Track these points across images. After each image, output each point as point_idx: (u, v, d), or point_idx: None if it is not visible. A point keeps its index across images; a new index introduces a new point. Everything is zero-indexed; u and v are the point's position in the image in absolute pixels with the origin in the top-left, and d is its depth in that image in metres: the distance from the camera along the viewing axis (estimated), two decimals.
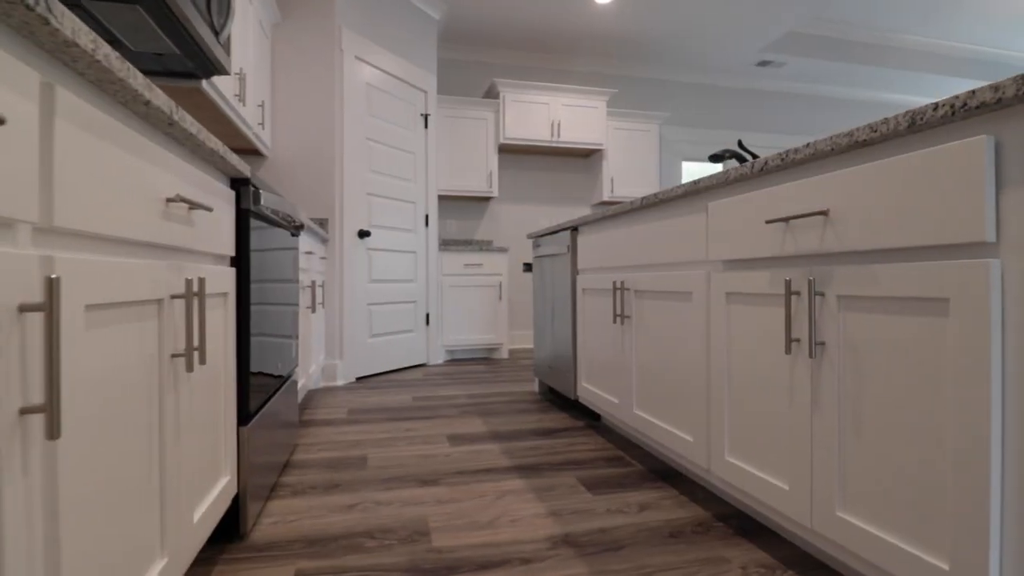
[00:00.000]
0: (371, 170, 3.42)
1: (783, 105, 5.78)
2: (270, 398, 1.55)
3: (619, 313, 1.84)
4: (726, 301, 1.30)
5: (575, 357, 2.33)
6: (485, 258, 4.20)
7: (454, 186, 4.42)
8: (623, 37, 4.68)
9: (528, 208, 5.00)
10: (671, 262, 1.55)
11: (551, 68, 5.07)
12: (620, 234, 1.86)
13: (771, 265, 1.16)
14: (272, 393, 1.58)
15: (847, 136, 0.93)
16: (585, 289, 2.20)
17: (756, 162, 1.16)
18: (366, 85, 3.39)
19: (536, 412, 2.52)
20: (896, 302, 0.86)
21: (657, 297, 1.63)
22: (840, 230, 0.95)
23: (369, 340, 3.40)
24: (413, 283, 3.79)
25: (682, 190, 1.43)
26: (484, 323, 4.18)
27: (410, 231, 3.76)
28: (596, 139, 4.71)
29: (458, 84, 4.85)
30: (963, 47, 5.36)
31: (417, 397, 2.86)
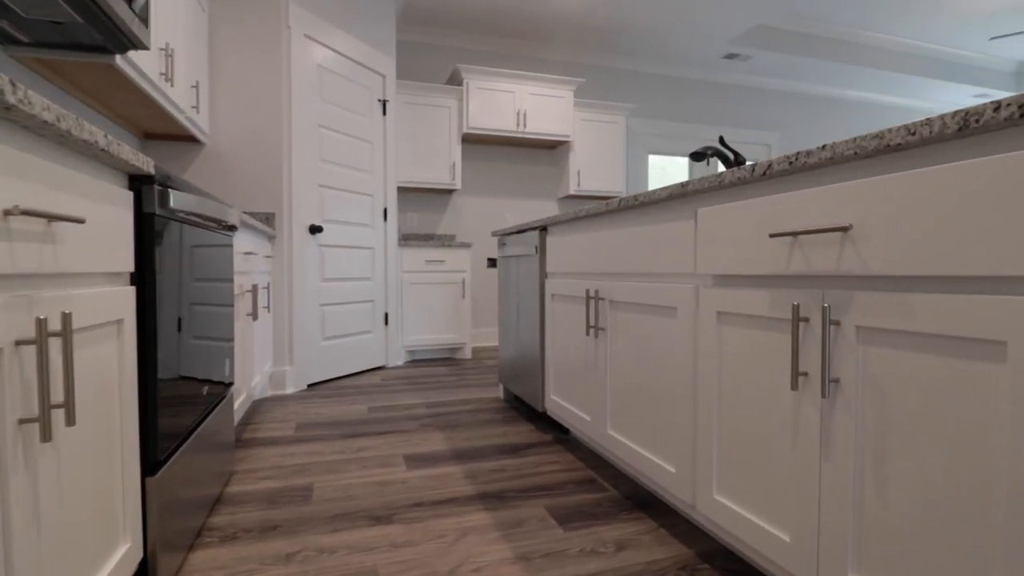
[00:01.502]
0: (323, 160, 3.16)
1: (750, 99, 5.74)
2: (195, 429, 1.32)
3: (592, 324, 1.68)
4: (717, 321, 1.15)
5: (543, 366, 2.17)
6: (448, 254, 3.99)
7: (415, 177, 4.19)
8: (591, 25, 4.51)
9: (493, 201, 4.81)
10: (653, 272, 1.40)
11: (517, 55, 4.87)
12: (595, 237, 1.70)
13: (773, 285, 1.02)
14: (198, 421, 1.36)
15: (876, 138, 0.78)
16: (555, 295, 2.04)
17: (758, 165, 1.00)
18: (317, 67, 3.11)
19: (501, 423, 2.36)
20: (935, 340, 0.73)
21: (637, 310, 1.48)
22: (864, 250, 0.81)
23: (322, 343, 3.16)
24: (370, 281, 3.55)
25: (667, 193, 1.28)
26: (446, 322, 3.99)
27: (367, 226, 3.52)
28: (563, 130, 4.54)
29: (419, 69, 4.59)
30: (923, 45, 5.42)
31: (373, 407, 2.65)
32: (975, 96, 6.26)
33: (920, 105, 6.53)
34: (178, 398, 1.17)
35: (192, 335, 1.28)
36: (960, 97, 6.33)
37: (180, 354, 1.18)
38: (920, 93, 6.16)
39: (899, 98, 6.34)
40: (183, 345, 1.21)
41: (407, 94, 4.13)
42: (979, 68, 5.86)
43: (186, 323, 1.23)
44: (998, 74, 5.98)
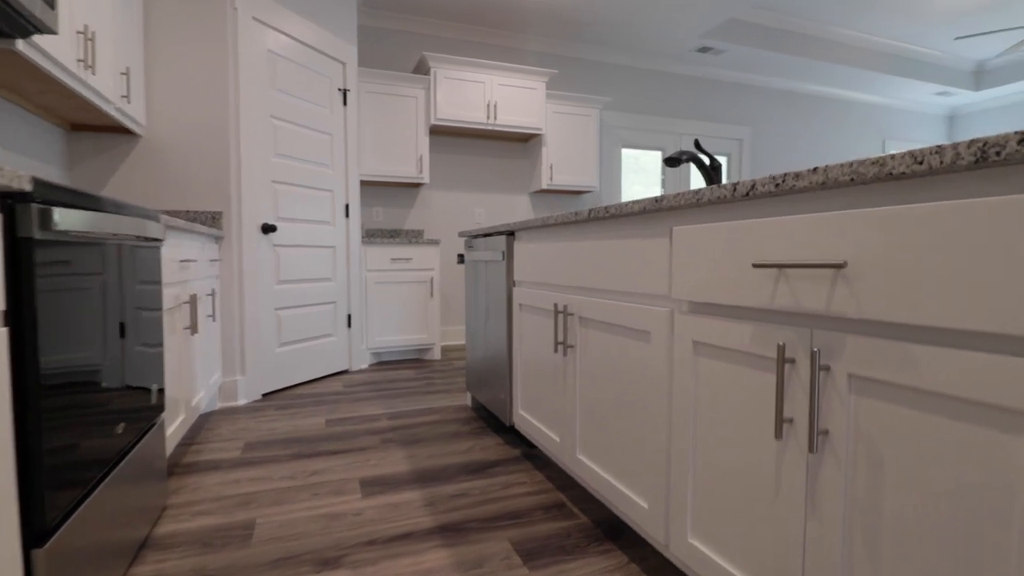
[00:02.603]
0: (277, 154, 2.96)
1: (722, 93, 5.70)
2: (111, 469, 1.17)
3: (561, 341, 1.57)
4: (693, 351, 1.05)
5: (511, 379, 2.06)
6: (415, 252, 3.83)
7: (380, 171, 4.00)
8: (563, 15, 4.37)
9: (463, 195, 4.66)
10: (625, 291, 1.29)
11: (487, 44, 4.70)
12: (564, 248, 1.59)
13: (756, 318, 0.92)
14: (116, 460, 1.20)
15: (876, 165, 0.68)
16: (522, 305, 1.92)
17: (740, 185, 0.90)
18: (269, 53, 2.90)
19: (467, 437, 2.24)
20: (942, 400, 0.63)
21: (608, 330, 1.37)
22: (860, 291, 0.71)
23: (278, 350, 2.98)
24: (331, 282, 3.38)
25: (640, 206, 1.17)
26: (414, 322, 3.84)
27: (327, 223, 3.34)
28: (535, 123, 4.41)
29: (383, 56, 4.38)
30: (890, 43, 5.44)
31: (332, 420, 2.50)
32: (937, 94, 6.36)
33: (886, 102, 6.60)
34: (79, 446, 1.02)
35: (100, 370, 1.12)
36: (923, 95, 6.42)
37: (82, 395, 1.03)
38: (886, 90, 6.22)
39: (866, 95, 6.39)
40: (87, 384, 1.05)
41: (371, 83, 3.94)
42: (942, 67, 5.94)
43: (90, 359, 1.07)
44: (959, 73, 6.07)
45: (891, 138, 6.74)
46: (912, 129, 6.88)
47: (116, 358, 1.20)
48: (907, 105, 6.77)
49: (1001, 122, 6.62)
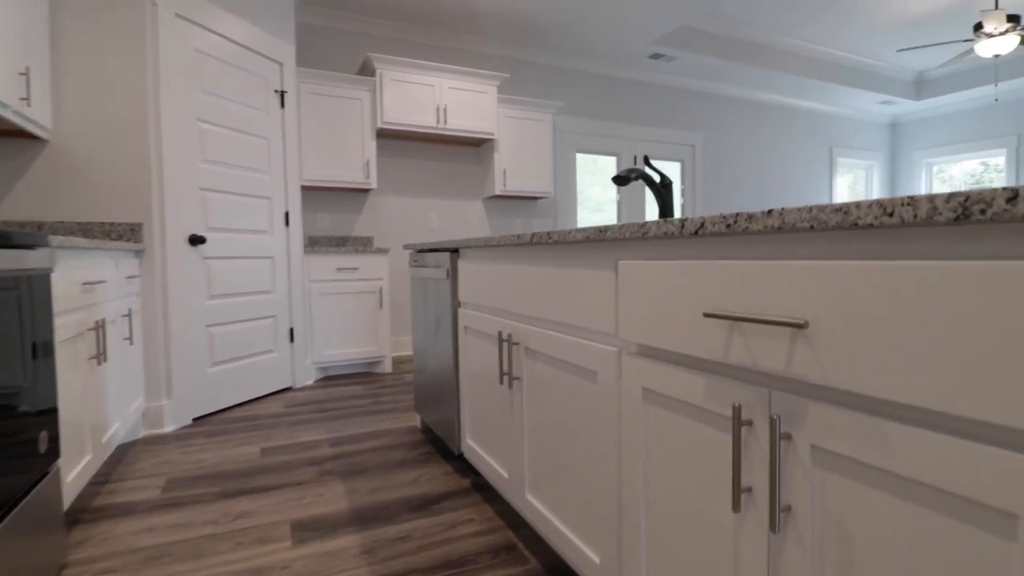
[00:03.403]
0: (206, 160, 2.74)
1: (675, 99, 5.73)
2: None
3: (506, 372, 1.46)
4: (643, 399, 0.97)
5: (458, 404, 1.94)
6: (362, 261, 3.66)
7: (324, 176, 3.81)
8: (515, 18, 4.27)
9: (414, 201, 4.50)
10: (571, 324, 1.19)
11: (437, 46, 4.55)
12: (508, 271, 1.48)
13: (709, 370, 0.83)
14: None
15: (839, 212, 0.60)
16: (468, 327, 1.81)
17: (688, 222, 0.81)
18: (195, 52, 2.68)
19: (414, 465, 2.11)
20: (918, 487, 0.56)
21: (554, 365, 1.27)
22: (823, 354, 0.63)
23: (210, 370, 2.77)
24: (271, 294, 3.17)
25: (583, 235, 1.07)
26: (362, 334, 3.66)
27: (264, 232, 3.13)
28: (487, 128, 4.29)
29: (326, 56, 4.18)
30: (836, 53, 5.59)
31: (267, 448, 2.32)
32: (881, 103, 6.59)
33: (832, 110, 6.80)
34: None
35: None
36: (868, 104, 6.65)
37: None
38: (833, 99, 6.40)
39: (814, 103, 6.57)
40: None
41: (313, 84, 3.73)
42: (885, 77, 6.16)
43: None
44: (901, 83, 6.31)
45: (838, 145, 6.95)
46: (857, 136, 7.12)
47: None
48: (852, 113, 7.00)
49: (940, 130, 6.93)
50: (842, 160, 7.00)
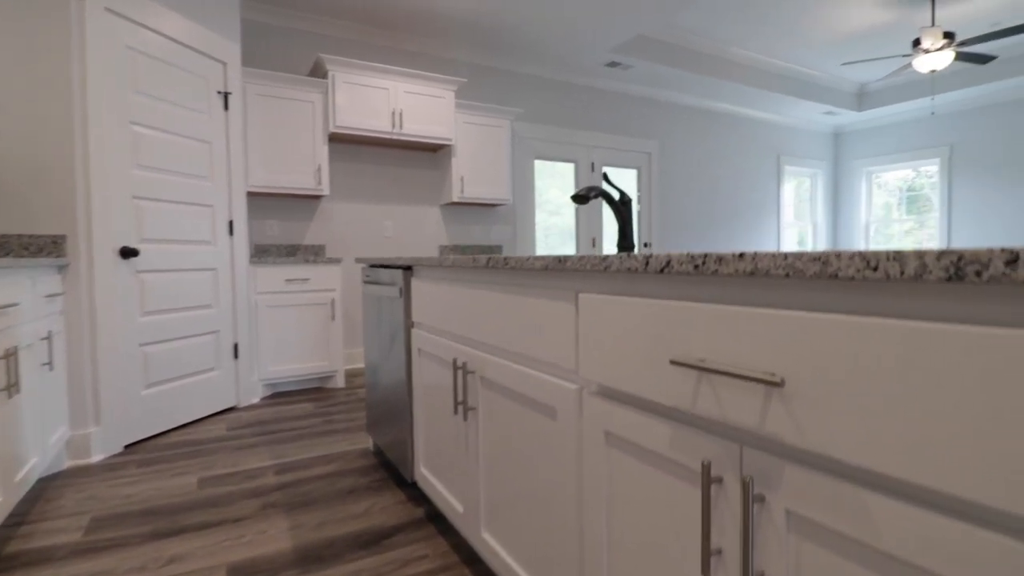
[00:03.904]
0: (139, 165, 2.55)
1: (631, 107, 5.77)
2: None
3: (460, 401, 1.38)
4: (606, 442, 0.91)
5: (411, 430, 1.85)
6: (313, 271, 3.50)
7: (274, 182, 3.63)
8: (473, 22, 4.19)
9: (368, 208, 4.35)
10: (529, 356, 1.12)
11: (392, 48, 4.43)
12: (463, 295, 1.40)
13: (676, 419, 0.78)
14: None
15: (818, 262, 0.55)
16: (421, 350, 1.72)
17: (653, 259, 0.75)
18: (127, 50, 2.49)
19: (366, 494, 2.00)
20: (905, 568, 0.51)
21: (512, 397, 1.20)
22: (801, 414, 0.58)
23: (144, 392, 2.57)
24: (212, 309, 2.98)
25: (542, 263, 1.01)
26: (313, 348, 3.50)
27: (206, 243, 2.94)
28: (444, 133, 4.20)
29: (274, 56, 3.99)
30: (783, 65, 5.76)
31: (206, 478, 2.16)
32: (825, 113, 6.84)
33: (779, 119, 7.01)
34: None
35: None
36: (813, 114, 6.89)
37: None
38: (779, 109, 6.60)
39: (763, 112, 6.75)
40: None
41: (261, 85, 3.55)
42: (829, 88, 6.39)
43: None
44: (843, 94, 6.57)
45: (784, 153, 7.17)
46: (803, 145, 7.37)
47: None
48: (798, 123, 7.24)
49: (879, 140, 7.25)
50: (789, 168, 7.22)
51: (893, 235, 7.12)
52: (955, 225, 6.52)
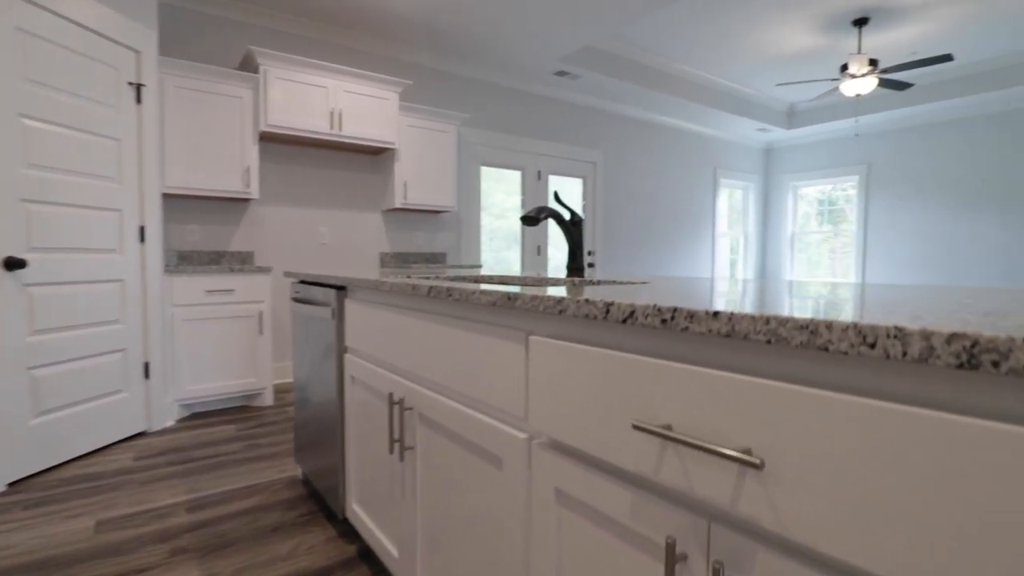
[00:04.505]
0: (30, 164, 2.25)
1: (578, 116, 5.79)
2: None
3: (397, 439, 1.26)
4: (556, 500, 0.81)
5: (343, 462, 1.70)
6: (238, 281, 3.24)
7: (195, 184, 3.34)
8: (421, 22, 4.05)
9: (303, 212, 4.11)
10: (474, 397, 1.02)
11: (332, 44, 4.21)
12: (402, 323, 1.28)
13: (638, 485, 0.69)
14: None
15: (805, 331, 0.48)
16: (355, 378, 1.57)
17: (616, 308, 0.67)
18: (18, 32, 2.19)
19: (293, 531, 1.82)
20: None
21: (453, 439, 1.09)
22: (781, 499, 0.51)
23: (33, 422, 2.26)
24: (119, 324, 2.69)
25: (489, 299, 0.91)
26: (238, 364, 3.24)
27: (111, 251, 2.65)
28: (387, 136, 4.03)
29: (199, 46, 3.69)
30: (723, 82, 5.95)
31: (106, 520, 1.91)
32: (758, 129, 7.13)
33: (716, 134, 7.25)
34: None
35: None
36: (747, 130, 7.17)
37: None
38: (717, 124, 6.82)
39: (701, 127, 6.96)
40: None
41: (181, 77, 3.26)
42: (762, 106, 6.67)
43: None
44: (775, 112, 6.88)
45: (721, 167, 7.42)
46: (737, 159, 7.66)
47: None
48: (734, 138, 7.52)
49: (805, 156, 7.64)
50: (724, 180, 7.49)
51: (811, 242, 7.57)
52: (870, 237, 6.96)
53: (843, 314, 0.50)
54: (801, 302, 0.64)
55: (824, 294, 0.77)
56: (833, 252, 7.43)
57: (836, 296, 0.73)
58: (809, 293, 0.79)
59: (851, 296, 0.73)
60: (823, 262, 7.57)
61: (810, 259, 7.69)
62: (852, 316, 0.48)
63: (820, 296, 0.73)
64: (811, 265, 7.68)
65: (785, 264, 7.87)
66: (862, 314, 0.50)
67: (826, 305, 0.60)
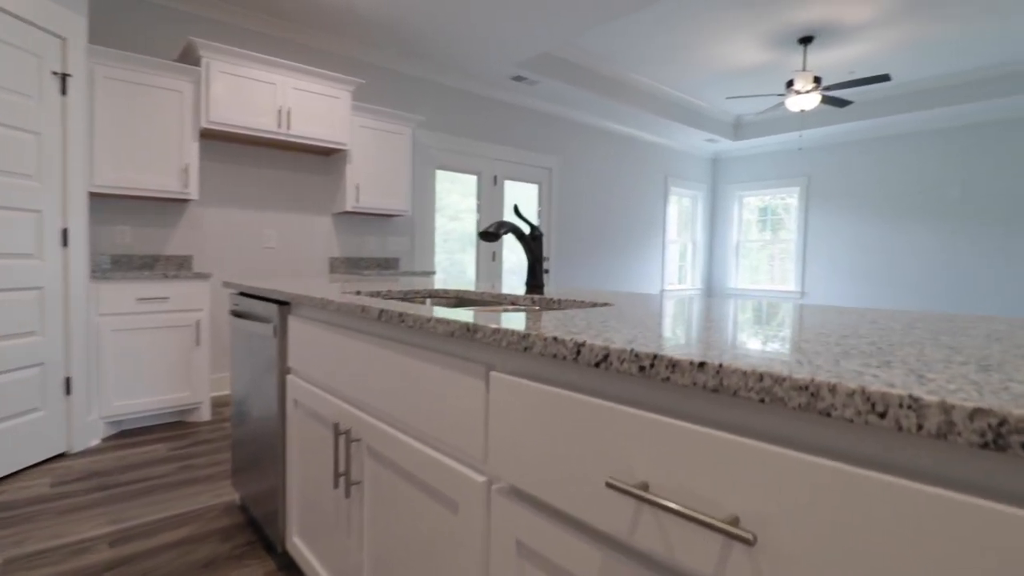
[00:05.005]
0: None
1: (535, 122, 5.77)
2: None
3: (342, 473, 1.16)
4: (517, 554, 0.75)
5: (284, 491, 1.58)
6: (174, 288, 3.02)
7: (127, 182, 3.10)
8: (377, 20, 3.92)
9: (248, 214, 3.89)
10: (428, 433, 0.94)
11: (282, 38, 4.01)
12: (350, 347, 1.18)
13: (610, 546, 0.63)
14: None
15: (803, 392, 0.43)
16: (298, 401, 1.46)
17: (587, 350, 0.61)
18: None
19: (227, 567, 1.68)
20: None
21: (405, 477, 1.01)
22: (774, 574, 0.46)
23: None
24: (37, 336, 2.45)
25: (447, 328, 0.83)
26: (172, 376, 3.02)
27: (29, 256, 2.41)
28: (338, 137, 3.87)
29: (135, 35, 3.44)
30: (675, 94, 6.07)
31: (16, 558, 1.71)
32: (706, 140, 7.32)
33: (667, 143, 7.39)
34: None
35: None
36: (696, 140, 7.35)
37: None
38: (668, 134, 6.96)
39: (654, 136, 7.09)
40: None
41: (113, 67, 3.02)
42: (711, 118, 6.85)
43: None
44: (723, 124, 7.08)
45: (671, 175, 7.58)
46: (687, 168, 7.84)
47: None
48: (684, 148, 7.69)
49: (751, 167, 7.90)
50: (674, 189, 7.66)
51: (752, 248, 7.87)
52: (810, 245, 7.27)
53: (823, 360, 0.46)
54: (780, 344, 0.60)
55: (796, 320, 0.73)
56: (772, 258, 7.73)
57: (807, 324, 0.69)
58: (783, 319, 0.75)
59: (822, 324, 0.69)
60: (763, 267, 7.85)
61: (751, 264, 7.97)
62: (832, 362, 0.44)
63: (795, 324, 0.69)
64: (752, 271, 7.95)
65: (731, 271, 8.11)
66: (839, 360, 0.46)
67: (803, 344, 0.56)
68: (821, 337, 0.65)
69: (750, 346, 0.59)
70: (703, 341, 0.62)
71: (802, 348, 0.57)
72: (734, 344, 0.60)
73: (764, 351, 0.56)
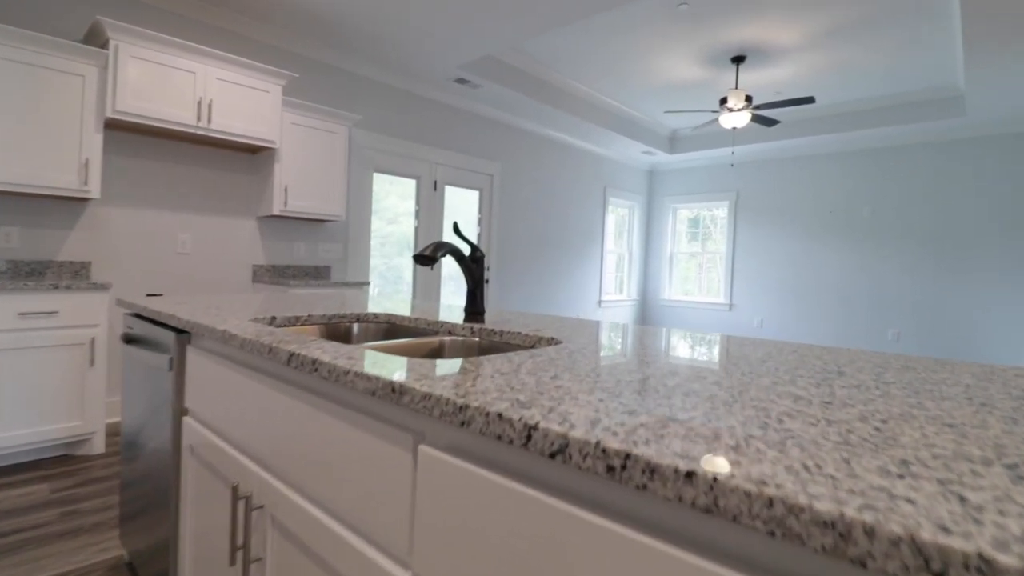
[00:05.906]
0: None
1: (477, 127, 5.64)
2: None
3: (240, 546, 0.98)
4: None
5: (175, 553, 1.35)
6: (64, 301, 2.66)
7: (13, 177, 2.70)
8: (312, 9, 3.66)
9: (160, 215, 3.53)
10: (343, 510, 0.78)
11: (205, 23, 3.67)
12: (257, 391, 1.00)
13: None
14: None
15: (831, 530, 0.32)
16: (195, 450, 1.25)
17: (540, 436, 0.49)
18: None
19: None
20: None
21: (316, 562, 0.84)
22: None
23: None
24: None
25: (368, 385, 0.68)
26: (60, 403, 2.65)
27: None
28: (265, 133, 3.58)
29: (30, 11, 3.03)
30: (615, 104, 6.13)
31: None
32: (643, 152, 7.46)
33: (606, 153, 7.47)
34: None
35: None
36: (634, 152, 7.47)
37: None
38: (607, 144, 7.03)
39: (593, 145, 7.14)
40: None
41: (3, 46, 2.63)
42: (648, 130, 6.98)
43: None
44: (659, 137, 7.24)
45: (610, 185, 7.67)
46: (625, 179, 7.97)
47: None
48: (622, 159, 7.81)
49: (684, 180, 8.14)
50: (612, 199, 7.76)
51: (682, 258, 8.16)
52: (738, 256, 7.56)
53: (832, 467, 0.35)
54: (759, 417, 0.50)
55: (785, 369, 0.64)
56: (700, 268, 8.00)
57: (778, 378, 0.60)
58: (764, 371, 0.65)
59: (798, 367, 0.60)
60: (691, 277, 8.10)
61: (682, 275, 8.21)
62: (847, 473, 0.33)
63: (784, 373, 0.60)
64: (683, 280, 8.19)
65: (664, 282, 8.30)
66: (849, 460, 0.36)
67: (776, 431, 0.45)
68: (802, 405, 0.56)
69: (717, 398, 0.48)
70: (660, 387, 0.51)
71: (778, 433, 0.47)
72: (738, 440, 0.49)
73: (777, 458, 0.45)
